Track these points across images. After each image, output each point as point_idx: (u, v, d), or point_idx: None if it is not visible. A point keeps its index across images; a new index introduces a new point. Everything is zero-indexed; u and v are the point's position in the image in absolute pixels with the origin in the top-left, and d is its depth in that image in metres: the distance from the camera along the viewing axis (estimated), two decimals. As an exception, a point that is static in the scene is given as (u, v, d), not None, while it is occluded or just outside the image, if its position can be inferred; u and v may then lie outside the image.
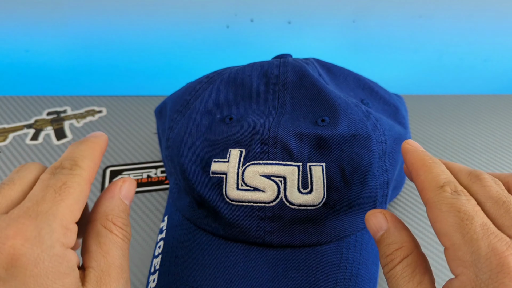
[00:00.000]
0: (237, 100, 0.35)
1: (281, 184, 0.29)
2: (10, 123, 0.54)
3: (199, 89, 0.36)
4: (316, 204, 0.29)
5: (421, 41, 0.62)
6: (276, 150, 0.30)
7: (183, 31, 0.60)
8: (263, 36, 0.59)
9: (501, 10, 0.59)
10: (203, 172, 0.31)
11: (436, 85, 0.65)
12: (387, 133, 0.33)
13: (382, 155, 0.32)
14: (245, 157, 0.30)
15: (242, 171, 0.30)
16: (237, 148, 0.31)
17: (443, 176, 0.22)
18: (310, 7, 0.58)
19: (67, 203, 0.20)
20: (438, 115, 0.57)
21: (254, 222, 0.29)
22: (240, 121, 0.32)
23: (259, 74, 0.35)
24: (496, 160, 0.49)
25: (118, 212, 0.23)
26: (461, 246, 0.19)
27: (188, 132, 0.33)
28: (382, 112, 0.36)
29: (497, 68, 0.65)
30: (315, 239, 0.30)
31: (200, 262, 0.29)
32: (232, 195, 0.30)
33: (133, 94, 0.60)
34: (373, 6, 0.58)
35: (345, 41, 0.61)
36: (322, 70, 0.37)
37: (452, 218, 0.20)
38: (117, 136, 0.52)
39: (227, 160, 0.31)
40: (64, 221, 0.20)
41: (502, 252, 0.18)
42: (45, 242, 0.19)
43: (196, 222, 0.32)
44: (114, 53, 0.62)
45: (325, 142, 0.30)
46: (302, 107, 0.33)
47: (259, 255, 0.29)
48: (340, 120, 0.31)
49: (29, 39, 0.60)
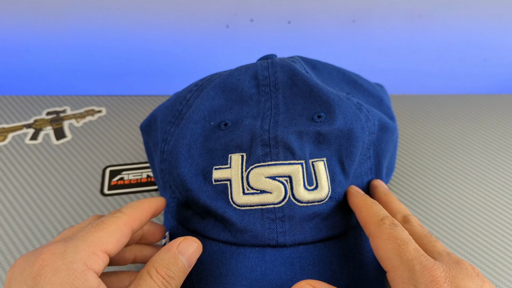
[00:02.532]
0: (229, 105, 0.34)
1: (287, 184, 0.29)
2: (10, 123, 0.54)
3: (190, 98, 0.35)
4: (323, 199, 0.30)
5: (421, 41, 0.62)
6: (278, 150, 0.30)
7: (183, 31, 0.60)
8: (263, 36, 0.59)
9: (501, 10, 0.59)
10: (205, 181, 0.31)
11: (436, 85, 0.65)
12: (376, 123, 0.34)
13: (369, 144, 0.34)
14: (247, 161, 0.30)
15: (246, 175, 0.30)
16: (237, 153, 0.31)
17: (382, 212, 0.28)
18: (310, 7, 0.58)
19: (99, 234, 0.24)
20: (438, 115, 0.57)
21: (265, 224, 0.29)
22: (236, 126, 0.32)
23: (249, 77, 0.35)
24: (496, 160, 0.49)
25: (167, 263, 0.25)
26: (400, 267, 0.23)
27: (184, 143, 0.33)
28: (367, 104, 0.37)
29: (497, 68, 0.65)
30: (326, 233, 0.30)
31: (215, 273, 0.29)
32: (239, 201, 0.29)
33: (133, 93, 0.60)
34: (373, 6, 0.58)
35: (345, 41, 0.61)
36: (308, 67, 0.37)
37: (391, 245, 0.24)
38: (117, 136, 0.52)
39: (228, 166, 0.30)
40: (92, 246, 0.23)
41: (431, 267, 0.22)
42: (68, 257, 0.22)
43: (203, 233, 0.31)
44: (114, 53, 0.62)
45: (324, 137, 0.31)
46: (296, 106, 0.33)
47: (274, 256, 0.29)
48: (336, 115, 0.32)
49: (29, 39, 0.60)
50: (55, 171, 0.46)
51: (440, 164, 0.48)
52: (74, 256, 0.22)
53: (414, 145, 0.51)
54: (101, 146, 0.50)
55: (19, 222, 0.40)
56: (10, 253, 0.37)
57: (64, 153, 0.49)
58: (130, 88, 0.63)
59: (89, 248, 0.23)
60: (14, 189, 0.44)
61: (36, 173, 0.46)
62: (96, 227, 0.24)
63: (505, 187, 0.45)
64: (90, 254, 0.22)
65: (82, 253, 0.22)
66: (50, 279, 0.21)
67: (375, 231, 0.26)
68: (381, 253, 0.25)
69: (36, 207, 0.42)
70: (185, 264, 0.25)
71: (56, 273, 0.21)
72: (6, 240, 0.39)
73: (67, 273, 0.21)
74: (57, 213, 0.41)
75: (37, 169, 0.46)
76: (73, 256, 0.22)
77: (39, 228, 0.40)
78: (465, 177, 0.47)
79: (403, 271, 0.23)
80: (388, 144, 0.36)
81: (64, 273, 0.21)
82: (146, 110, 0.57)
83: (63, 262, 0.22)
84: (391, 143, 0.37)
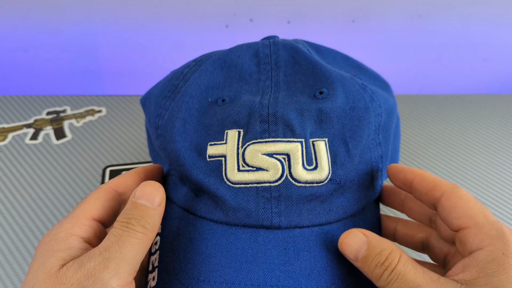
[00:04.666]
0: (228, 82, 0.33)
1: (285, 162, 0.28)
2: (10, 123, 0.54)
3: (187, 72, 0.34)
4: (323, 180, 0.28)
5: (421, 41, 0.62)
6: (277, 127, 0.28)
7: (183, 30, 0.60)
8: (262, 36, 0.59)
9: (501, 10, 0.59)
10: (199, 157, 0.30)
11: (436, 85, 0.65)
12: (382, 105, 0.32)
13: (377, 128, 0.32)
14: (244, 137, 0.29)
15: (242, 151, 0.28)
16: (234, 129, 0.29)
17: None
18: (309, 7, 0.58)
19: (82, 207, 0.27)
20: (438, 115, 0.57)
21: (260, 203, 0.28)
22: (234, 102, 0.31)
23: (250, 55, 0.34)
24: (496, 160, 0.49)
25: (125, 210, 0.26)
26: (486, 225, 0.24)
27: (179, 117, 0.31)
28: (375, 86, 0.35)
29: (497, 68, 0.65)
30: (323, 218, 0.29)
31: (204, 252, 0.27)
32: (234, 178, 0.28)
33: (133, 93, 0.60)
34: (373, 6, 0.58)
35: (345, 41, 0.61)
36: (311, 49, 0.36)
37: (475, 204, 0.25)
38: (117, 136, 0.52)
39: (224, 142, 0.29)
40: (75, 218, 0.26)
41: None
42: (53, 231, 0.25)
43: (195, 212, 0.30)
44: (114, 53, 0.62)
45: (326, 116, 0.29)
46: (297, 83, 0.32)
47: (267, 238, 0.28)
48: (338, 92, 0.30)
49: (29, 39, 0.60)
50: (55, 171, 0.46)
51: (440, 164, 0.48)
52: (58, 229, 0.25)
53: (414, 145, 0.51)
54: (101, 146, 0.50)
55: (19, 222, 0.40)
56: (10, 253, 0.37)
57: (64, 153, 0.49)
58: (130, 88, 0.63)
59: (72, 220, 0.25)
60: (14, 189, 0.44)
61: (36, 173, 0.46)
62: (80, 204, 0.27)
63: (505, 186, 0.45)
64: (73, 224, 0.25)
65: (66, 225, 0.25)
66: (38, 252, 0.24)
67: (451, 191, 0.26)
68: (459, 212, 0.25)
69: (36, 207, 0.42)
70: (147, 204, 0.25)
71: (42, 245, 0.24)
72: (6, 240, 0.39)
73: (50, 242, 0.24)
74: (57, 213, 0.41)
75: (37, 169, 0.46)
76: (58, 229, 0.25)
77: (39, 228, 0.40)
78: (465, 177, 0.47)
79: (490, 229, 0.24)
80: (391, 129, 0.35)
81: (48, 243, 0.24)
82: (146, 110, 0.57)
83: (49, 235, 0.25)
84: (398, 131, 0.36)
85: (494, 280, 0.22)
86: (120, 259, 0.23)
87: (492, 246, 0.23)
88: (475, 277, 0.23)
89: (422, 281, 0.23)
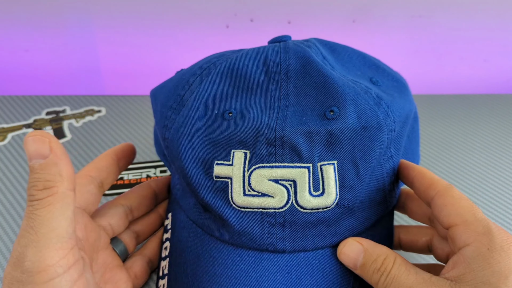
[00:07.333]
0: (235, 92, 0.32)
1: (291, 188, 0.27)
2: (9, 123, 0.54)
3: (193, 82, 0.33)
4: (329, 206, 0.28)
5: (421, 41, 0.62)
6: (284, 152, 0.28)
7: (183, 30, 0.60)
8: (263, 36, 0.59)
9: (501, 10, 0.59)
10: (205, 175, 0.30)
11: (436, 85, 0.65)
12: (397, 119, 0.31)
13: (389, 143, 0.30)
14: (250, 160, 0.28)
15: (248, 175, 0.28)
16: (240, 150, 0.29)
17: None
18: (310, 7, 0.58)
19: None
20: (438, 115, 0.57)
21: (264, 229, 0.28)
22: (241, 117, 0.30)
23: (258, 63, 0.32)
24: (496, 160, 0.49)
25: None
26: (474, 222, 0.25)
27: (185, 133, 0.31)
28: (393, 89, 0.34)
29: (497, 68, 0.65)
30: (329, 241, 0.28)
31: (210, 271, 0.28)
32: (239, 201, 0.28)
33: (133, 94, 0.60)
34: (373, 6, 0.58)
35: (346, 41, 0.61)
36: (326, 51, 0.34)
37: (466, 203, 0.26)
38: (116, 136, 0.52)
39: (230, 163, 0.29)
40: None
41: (504, 230, 0.25)
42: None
43: (202, 226, 0.30)
44: (114, 53, 0.62)
45: (336, 138, 0.28)
46: (308, 97, 0.30)
47: (271, 262, 0.28)
48: (349, 111, 0.29)
49: (29, 39, 0.60)
50: (55, 171, 0.46)
51: (440, 163, 0.48)
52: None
53: (414, 145, 0.51)
54: (101, 146, 0.50)
55: (19, 222, 0.40)
56: (10, 253, 0.37)
57: (64, 153, 0.49)
58: (130, 88, 0.63)
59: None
60: (14, 189, 0.44)
61: (36, 173, 0.46)
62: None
63: (505, 186, 0.45)
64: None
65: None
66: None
67: (445, 190, 0.27)
68: (449, 210, 0.26)
69: (36, 207, 0.42)
70: (39, 161, 0.23)
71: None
72: (6, 240, 0.39)
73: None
74: (57, 213, 0.41)
75: (37, 169, 0.46)
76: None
77: (39, 228, 0.40)
78: (465, 177, 0.47)
79: (477, 226, 0.24)
80: (414, 131, 0.34)
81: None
82: (146, 110, 0.57)
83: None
84: (415, 132, 0.35)
85: (480, 275, 0.23)
86: (37, 241, 0.22)
87: (478, 242, 0.24)
88: (462, 273, 0.23)
89: (414, 282, 0.24)
